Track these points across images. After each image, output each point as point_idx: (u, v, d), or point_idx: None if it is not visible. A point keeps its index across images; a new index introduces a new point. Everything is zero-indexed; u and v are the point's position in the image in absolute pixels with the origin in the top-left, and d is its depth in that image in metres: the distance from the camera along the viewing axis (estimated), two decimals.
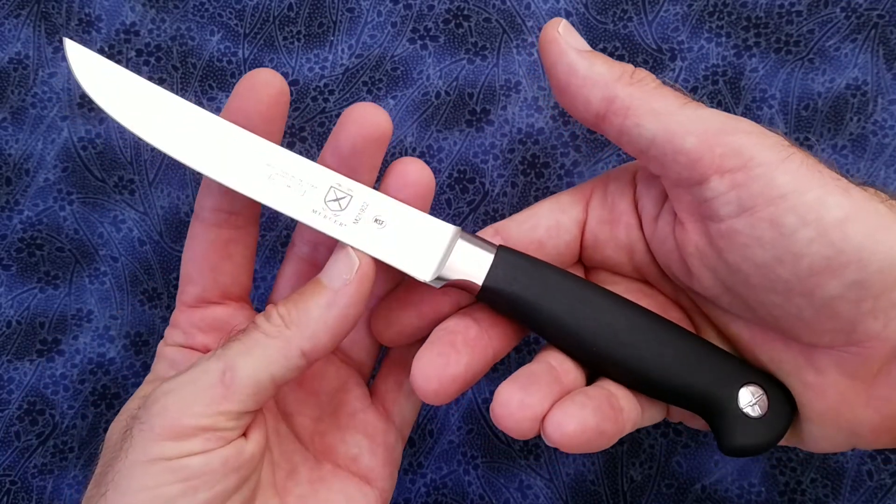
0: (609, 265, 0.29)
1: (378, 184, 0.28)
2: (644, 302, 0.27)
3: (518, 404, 0.24)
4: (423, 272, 0.26)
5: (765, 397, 0.26)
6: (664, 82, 0.26)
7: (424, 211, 0.28)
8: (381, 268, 0.27)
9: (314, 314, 0.25)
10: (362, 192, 0.27)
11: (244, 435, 0.25)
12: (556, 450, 0.35)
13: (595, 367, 0.27)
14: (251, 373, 0.24)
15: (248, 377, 0.24)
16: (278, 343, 0.24)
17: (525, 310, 0.27)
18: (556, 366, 0.26)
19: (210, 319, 0.29)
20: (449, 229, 0.27)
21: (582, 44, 0.26)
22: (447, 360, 0.26)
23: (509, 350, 0.28)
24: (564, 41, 0.26)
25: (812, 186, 0.22)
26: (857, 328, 0.23)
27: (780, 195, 0.23)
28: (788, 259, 0.23)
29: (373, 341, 0.31)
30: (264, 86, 0.26)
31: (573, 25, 0.36)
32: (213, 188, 0.28)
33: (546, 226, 0.28)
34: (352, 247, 0.26)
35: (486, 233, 0.29)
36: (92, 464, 0.35)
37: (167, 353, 0.29)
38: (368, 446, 0.29)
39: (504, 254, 0.26)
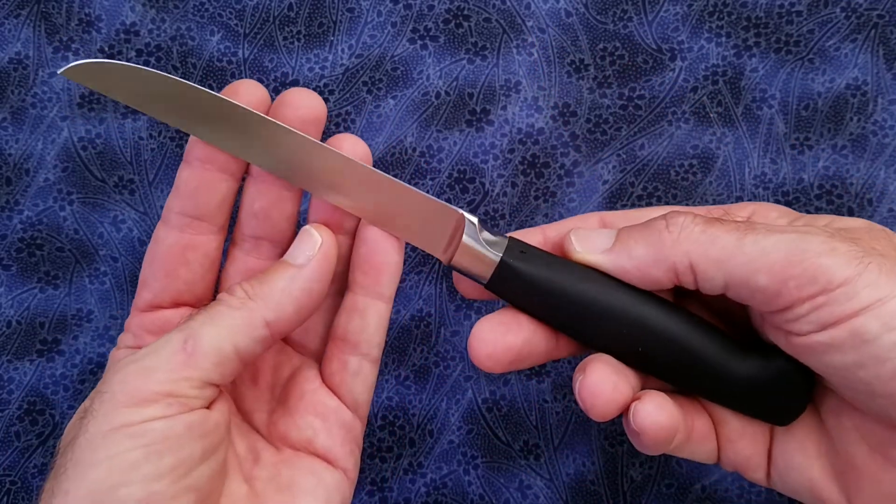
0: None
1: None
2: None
3: (612, 388, 0.25)
4: (437, 250, 0.27)
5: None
6: (703, 215, 0.25)
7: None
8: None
9: (278, 286, 0.25)
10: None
11: (208, 408, 0.24)
12: (556, 450, 0.35)
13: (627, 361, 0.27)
14: (214, 342, 0.24)
15: (210, 346, 0.24)
16: (242, 313, 0.25)
17: (534, 312, 0.27)
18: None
19: (161, 322, 0.28)
20: (454, 216, 0.27)
21: (603, 240, 0.26)
22: (507, 328, 0.27)
23: (574, 353, 0.29)
24: (583, 254, 0.26)
25: (894, 292, 0.22)
26: None
27: (861, 307, 0.22)
28: (871, 363, 0.22)
29: (324, 326, 0.30)
30: (245, 97, 0.27)
31: (573, 26, 0.37)
32: (181, 192, 0.27)
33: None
34: (315, 226, 0.27)
35: (587, 219, 0.29)
36: None
37: (118, 356, 0.28)
38: (322, 426, 0.28)
39: (506, 266, 0.27)
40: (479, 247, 0.27)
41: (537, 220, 0.36)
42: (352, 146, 0.27)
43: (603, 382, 0.25)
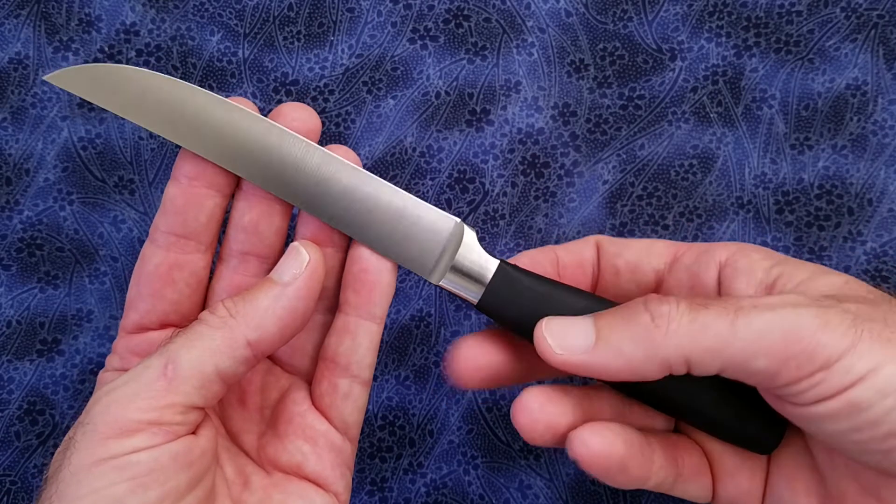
0: None
1: None
2: None
3: (539, 408, 0.25)
4: (427, 272, 0.27)
5: None
6: (686, 300, 0.24)
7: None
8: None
9: (262, 305, 0.25)
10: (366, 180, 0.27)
11: (194, 432, 0.24)
12: (556, 450, 0.35)
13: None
14: (195, 364, 0.23)
15: (191, 369, 0.23)
16: (222, 333, 0.24)
17: (524, 332, 0.27)
18: (590, 390, 0.27)
19: (147, 344, 0.28)
20: (450, 224, 0.27)
21: (581, 337, 0.24)
22: (484, 347, 0.27)
23: (558, 375, 0.29)
24: (564, 357, 0.24)
25: (887, 360, 0.22)
26: None
27: (857, 378, 0.22)
28: (865, 428, 0.22)
29: (313, 346, 0.30)
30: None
31: (573, 26, 0.37)
32: (168, 209, 0.27)
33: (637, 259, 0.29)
34: (303, 244, 0.26)
35: (587, 243, 0.29)
36: None
37: (106, 378, 0.28)
38: (311, 450, 0.28)
39: (504, 273, 0.27)
40: (478, 257, 0.27)
41: (537, 219, 0.36)
42: (342, 155, 0.27)
43: (531, 400, 0.25)
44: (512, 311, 0.27)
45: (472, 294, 0.27)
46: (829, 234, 0.35)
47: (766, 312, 0.23)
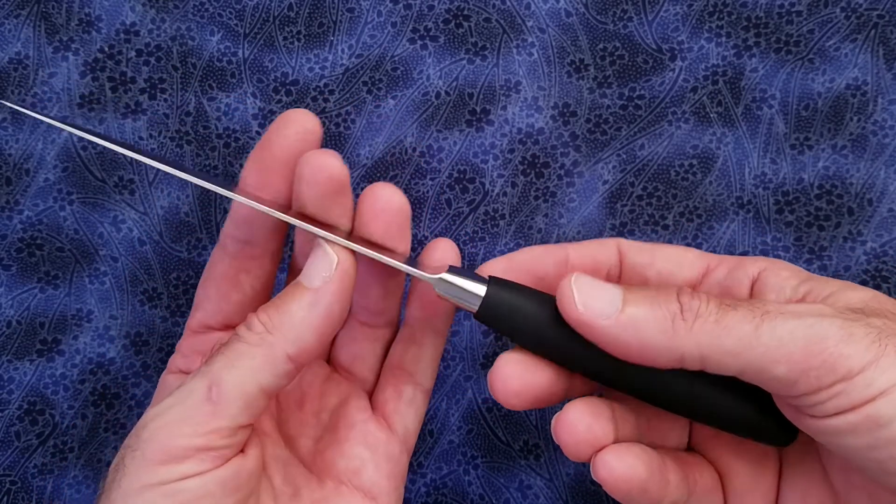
0: None
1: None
2: None
3: (586, 428, 0.25)
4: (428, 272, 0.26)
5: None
6: (717, 298, 0.24)
7: (405, 237, 0.27)
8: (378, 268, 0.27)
9: (297, 316, 0.24)
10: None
11: (242, 451, 0.24)
12: (556, 450, 0.35)
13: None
14: (238, 385, 0.23)
15: (235, 390, 0.23)
16: (262, 350, 0.24)
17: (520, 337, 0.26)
18: (616, 407, 0.26)
19: (210, 343, 0.28)
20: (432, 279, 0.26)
21: (607, 303, 0.24)
22: (532, 368, 0.26)
23: (594, 389, 0.28)
24: (586, 316, 0.24)
25: None
26: None
27: (878, 392, 0.22)
28: (884, 446, 0.22)
29: (375, 357, 0.30)
30: (296, 126, 0.27)
31: (573, 26, 0.36)
32: (235, 216, 0.28)
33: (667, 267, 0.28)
34: (329, 243, 0.25)
35: (607, 245, 0.28)
36: (92, 464, 0.35)
37: (168, 381, 0.28)
38: (370, 458, 0.28)
39: (496, 287, 0.26)
40: (463, 280, 0.26)
41: (537, 219, 0.36)
42: (388, 197, 0.26)
43: (578, 422, 0.25)
44: (510, 321, 0.26)
45: (471, 303, 0.26)
46: (829, 234, 0.35)
47: (792, 320, 0.23)
